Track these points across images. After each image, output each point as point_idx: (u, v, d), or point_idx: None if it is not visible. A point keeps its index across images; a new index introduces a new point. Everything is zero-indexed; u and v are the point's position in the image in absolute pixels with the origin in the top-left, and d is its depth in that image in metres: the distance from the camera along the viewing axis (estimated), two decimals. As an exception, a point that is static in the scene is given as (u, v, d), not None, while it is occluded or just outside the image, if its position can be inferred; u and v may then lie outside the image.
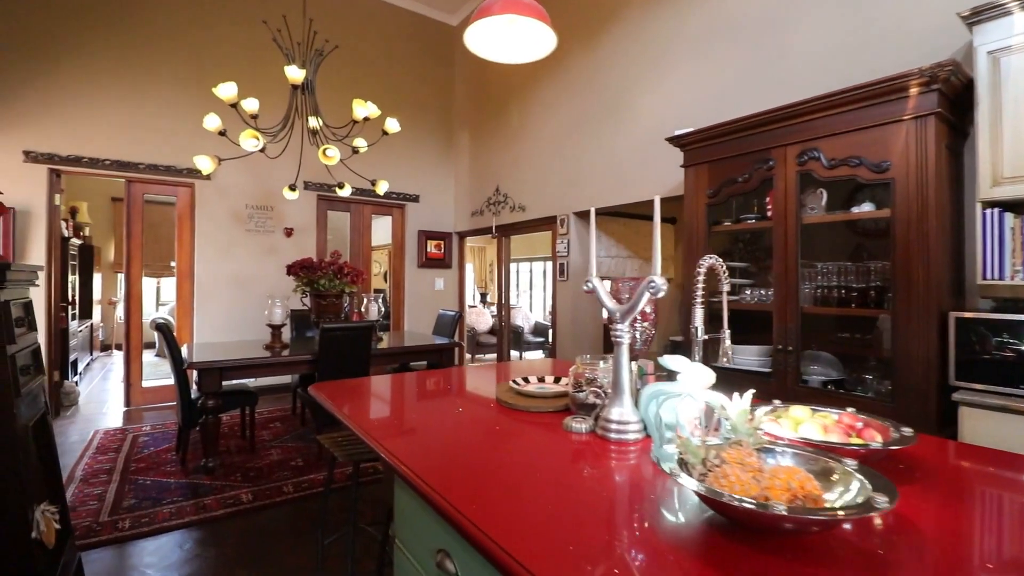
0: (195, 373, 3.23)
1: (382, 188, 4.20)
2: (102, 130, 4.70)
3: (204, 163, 3.19)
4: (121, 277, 9.63)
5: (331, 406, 1.65)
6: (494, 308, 11.18)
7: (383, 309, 4.24)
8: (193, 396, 3.34)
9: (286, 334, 4.56)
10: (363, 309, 4.33)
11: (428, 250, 6.50)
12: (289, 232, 5.55)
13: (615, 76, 4.33)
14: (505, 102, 5.79)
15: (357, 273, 3.97)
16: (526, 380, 1.89)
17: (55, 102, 4.52)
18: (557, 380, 1.90)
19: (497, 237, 5.97)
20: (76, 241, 5.97)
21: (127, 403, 4.90)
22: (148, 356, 7.84)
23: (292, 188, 4.16)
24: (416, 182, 6.42)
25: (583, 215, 4.84)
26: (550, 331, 5.88)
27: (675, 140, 3.13)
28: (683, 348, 5.49)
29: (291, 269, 3.89)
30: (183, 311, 5.13)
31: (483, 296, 11.15)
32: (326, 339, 3.43)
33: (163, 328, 3.31)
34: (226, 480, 3.13)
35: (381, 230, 7.68)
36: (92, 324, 7.29)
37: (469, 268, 9.97)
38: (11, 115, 4.36)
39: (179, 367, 3.25)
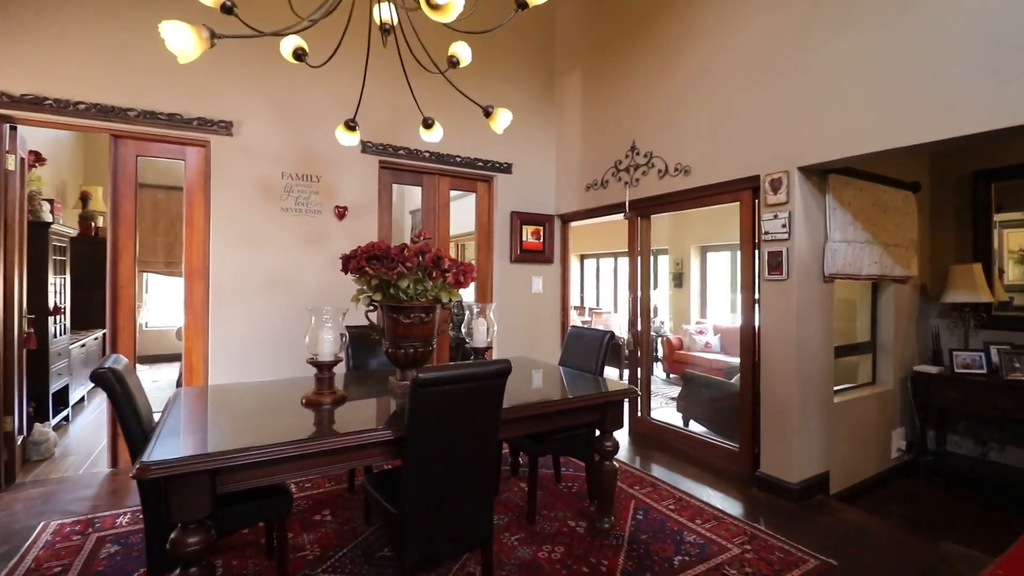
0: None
1: (502, 121, 2.47)
2: (77, 62, 3.17)
3: (178, 36, 1.49)
4: (148, 278, 8.39)
5: None
6: (575, 314, 9.39)
7: (495, 328, 2.49)
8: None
9: (340, 370, 2.89)
10: (465, 330, 2.61)
11: (524, 239, 4.75)
12: (341, 212, 3.90)
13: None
14: (644, 19, 3.95)
15: (464, 271, 2.25)
16: None
17: (5, 21, 3.01)
18: None
19: (631, 218, 4.14)
20: (65, 230, 4.54)
21: (112, 462, 3.37)
22: (158, 375, 6.47)
23: (350, 127, 2.48)
24: (506, 146, 4.68)
25: (812, 173, 2.96)
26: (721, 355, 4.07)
27: None
28: (946, 387, 3.26)
29: (350, 262, 2.21)
30: (194, 327, 3.55)
31: (560, 298, 9.37)
32: (424, 403, 1.70)
33: (106, 381, 1.67)
34: None
35: (455, 214, 6.06)
36: (103, 336, 5.92)
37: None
38: (-68, 31, 2.87)
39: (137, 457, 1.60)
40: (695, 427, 4.68)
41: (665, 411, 5.29)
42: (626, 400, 2.53)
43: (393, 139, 4.13)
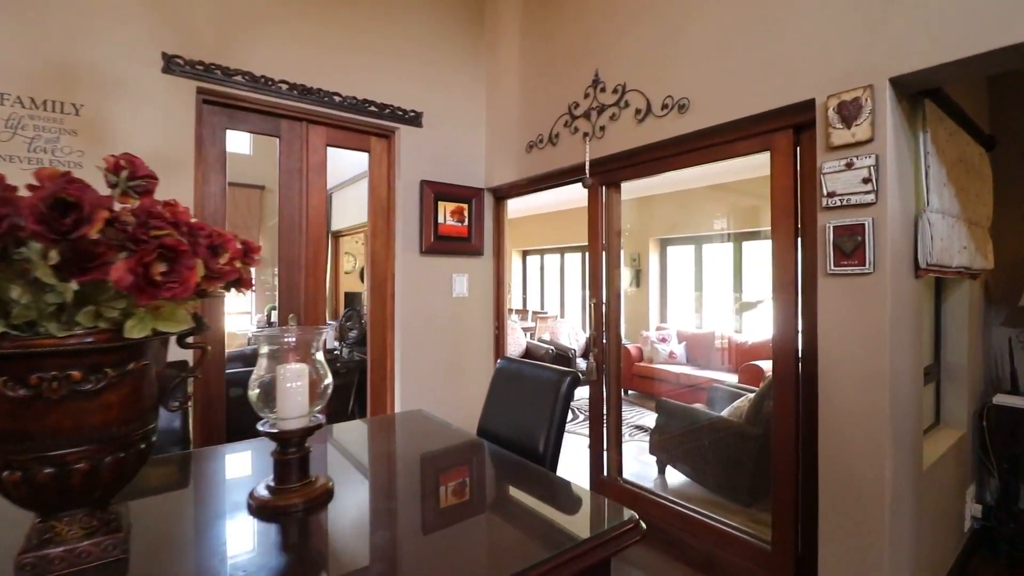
0: None
1: None
2: None
3: None
4: None
5: None
6: (517, 319, 8.04)
7: (329, 382, 1.04)
8: None
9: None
10: (256, 391, 1.17)
11: (441, 220, 3.34)
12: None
13: None
14: None
15: (174, 251, 0.82)
16: None
17: None
18: None
19: (592, 186, 2.83)
20: None
21: None
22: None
23: None
24: (415, 87, 3.26)
25: (904, 94, 1.75)
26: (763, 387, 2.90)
27: None
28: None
29: None
30: None
31: (500, 301, 8.00)
32: None
33: None
34: None
35: (352, 200, 4.67)
36: None
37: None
38: None
39: None
40: (674, 476, 3.48)
41: (631, 447, 4.06)
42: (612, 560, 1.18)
43: (225, 56, 2.60)
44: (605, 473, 2.86)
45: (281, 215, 2.88)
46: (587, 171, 2.74)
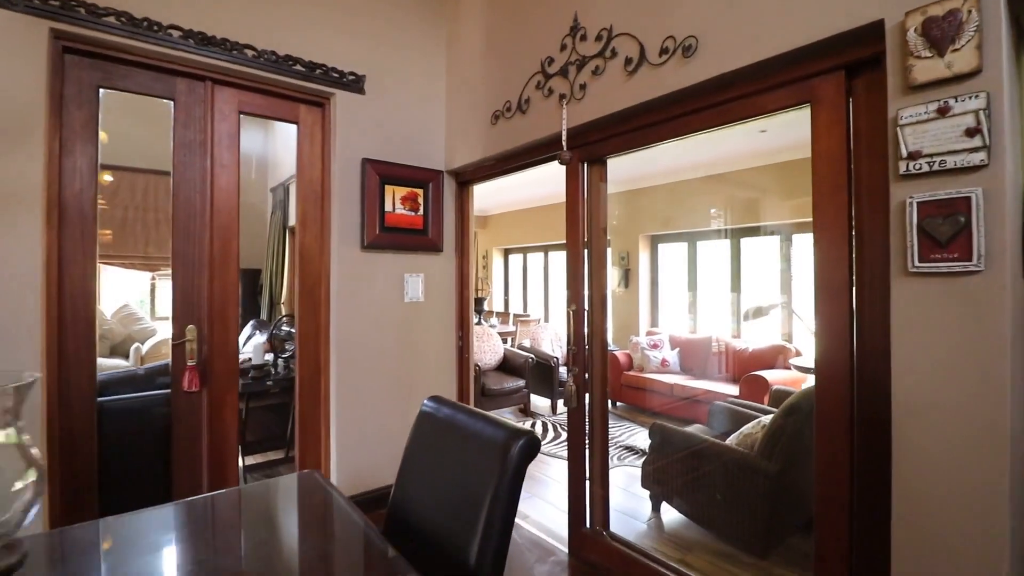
0: None
1: None
2: None
3: None
4: None
5: None
6: (497, 322, 7.45)
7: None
8: None
9: None
10: None
11: (389, 208, 2.75)
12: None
13: None
14: None
15: None
16: None
17: None
18: None
19: (572, 160, 2.25)
20: None
21: None
22: None
23: None
24: (357, 45, 2.66)
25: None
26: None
27: None
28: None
29: None
30: None
31: (478, 303, 7.38)
32: None
33: None
34: None
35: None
36: None
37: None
38: None
39: None
40: (669, 513, 2.92)
41: (619, 475, 3.49)
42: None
43: (89, -10, 1.98)
44: (587, 524, 2.28)
45: (175, 199, 2.26)
46: (564, 143, 2.16)
